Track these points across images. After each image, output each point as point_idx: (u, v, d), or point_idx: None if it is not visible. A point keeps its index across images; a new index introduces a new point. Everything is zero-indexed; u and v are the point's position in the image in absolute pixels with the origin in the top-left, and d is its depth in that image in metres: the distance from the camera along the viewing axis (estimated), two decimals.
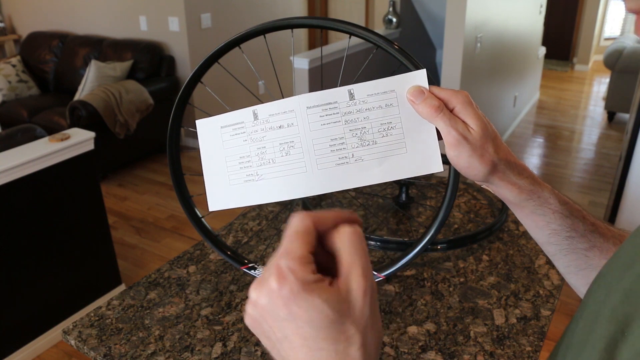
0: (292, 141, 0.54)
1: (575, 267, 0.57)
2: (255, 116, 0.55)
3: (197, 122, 0.59)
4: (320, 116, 0.53)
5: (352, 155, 0.53)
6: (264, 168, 0.56)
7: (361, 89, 0.54)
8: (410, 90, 0.53)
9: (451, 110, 0.52)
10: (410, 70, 0.58)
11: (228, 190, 0.58)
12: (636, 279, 0.34)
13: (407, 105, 0.54)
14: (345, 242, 0.36)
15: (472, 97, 0.52)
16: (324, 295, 0.33)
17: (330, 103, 0.53)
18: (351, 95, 0.54)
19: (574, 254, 0.57)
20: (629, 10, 0.34)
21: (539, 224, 0.57)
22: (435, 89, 0.53)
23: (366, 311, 0.35)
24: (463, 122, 0.52)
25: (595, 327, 0.36)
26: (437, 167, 0.54)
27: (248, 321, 0.36)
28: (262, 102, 0.57)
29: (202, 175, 0.66)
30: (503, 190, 0.55)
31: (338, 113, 0.53)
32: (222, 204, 0.58)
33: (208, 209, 0.62)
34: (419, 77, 0.54)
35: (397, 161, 0.53)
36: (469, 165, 0.52)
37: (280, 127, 0.54)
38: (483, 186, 0.57)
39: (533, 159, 4.22)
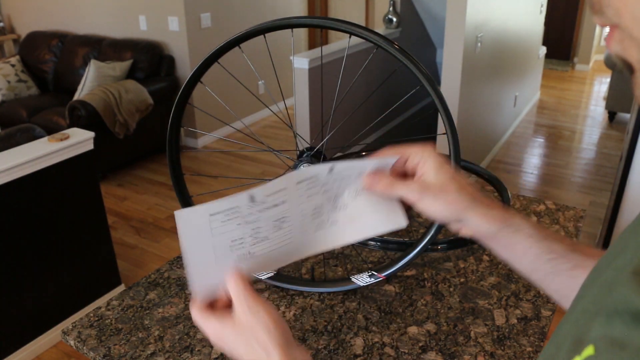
0: (284, 217, 0.57)
1: (565, 289, 0.58)
2: (252, 199, 0.57)
3: (177, 213, 0.54)
4: (306, 190, 0.58)
5: (328, 219, 0.59)
6: (258, 246, 0.57)
7: (340, 165, 0.59)
8: (366, 182, 0.59)
9: (416, 164, 0.59)
10: (410, 68, 0.65)
11: (216, 274, 0.55)
12: (615, 273, 0.34)
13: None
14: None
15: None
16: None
17: (313, 177, 0.58)
18: (330, 170, 0.58)
19: (558, 276, 0.58)
20: (600, 25, 0.34)
21: (518, 252, 0.58)
22: (397, 151, 0.60)
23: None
24: (419, 177, 0.59)
25: (571, 322, 0.37)
26: (401, 222, 0.59)
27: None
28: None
29: (201, 175, 0.67)
30: (476, 223, 0.58)
31: (318, 185, 0.58)
32: (208, 290, 0.56)
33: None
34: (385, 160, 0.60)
35: (365, 221, 0.59)
36: (438, 210, 0.57)
37: (275, 206, 0.57)
38: (463, 231, 0.59)
39: (533, 159, 4.21)
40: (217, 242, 0.56)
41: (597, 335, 0.31)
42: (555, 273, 0.58)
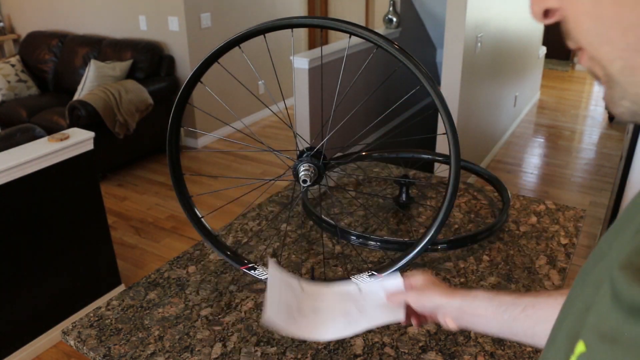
0: (320, 307, 0.82)
1: (527, 329, 0.67)
2: (302, 288, 0.84)
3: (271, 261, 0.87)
4: (340, 296, 0.83)
5: (353, 320, 0.80)
6: (301, 316, 0.81)
7: (367, 288, 0.83)
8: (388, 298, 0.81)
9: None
10: (410, 68, 0.70)
11: (279, 310, 0.79)
12: (602, 271, 0.36)
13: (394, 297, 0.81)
14: None
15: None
16: None
17: (348, 291, 0.83)
18: (360, 291, 0.83)
19: (515, 321, 0.67)
20: (571, 47, 0.37)
21: (482, 316, 0.70)
22: (408, 281, 0.80)
23: None
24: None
25: (563, 320, 0.39)
26: (400, 316, 0.78)
27: None
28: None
29: (201, 175, 0.72)
30: (443, 301, 0.73)
31: (351, 297, 0.83)
32: (277, 319, 0.78)
33: (203, 210, 0.70)
34: (399, 284, 0.80)
35: (376, 314, 0.79)
36: (422, 300, 0.76)
37: (317, 310, 0.82)
38: (448, 323, 0.74)
39: (533, 159, 4.21)
40: (285, 295, 0.82)
41: (588, 332, 0.32)
42: (512, 319, 0.67)
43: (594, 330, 0.32)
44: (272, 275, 0.84)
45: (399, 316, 0.78)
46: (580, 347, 0.32)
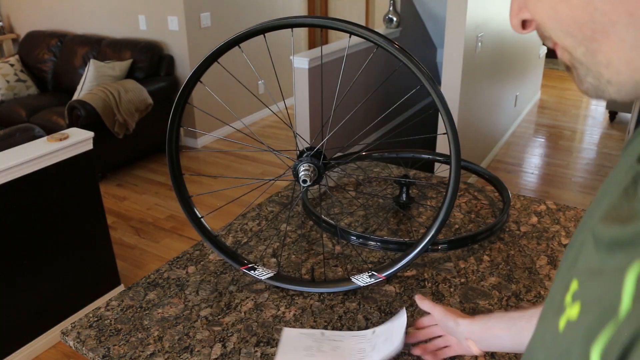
0: (339, 347, 0.96)
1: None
2: (323, 334, 1.00)
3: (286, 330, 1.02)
4: (356, 339, 0.97)
5: (366, 355, 0.93)
6: (322, 354, 0.94)
7: (380, 329, 0.97)
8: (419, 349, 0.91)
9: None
10: (410, 68, 0.78)
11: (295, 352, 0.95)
12: (586, 230, 0.43)
13: (397, 330, 0.92)
14: None
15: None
16: None
17: (363, 335, 0.98)
18: (373, 332, 0.97)
19: (524, 332, 0.74)
20: (549, 47, 0.46)
21: (498, 335, 0.78)
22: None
23: None
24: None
25: (557, 283, 0.46)
26: (400, 346, 0.88)
27: None
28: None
29: (201, 175, 0.72)
30: (467, 325, 0.81)
31: (365, 339, 0.97)
32: None
33: (203, 210, 0.70)
34: (403, 319, 0.92)
35: (385, 346, 0.90)
36: (444, 319, 0.85)
37: (334, 341, 0.98)
38: (473, 349, 0.82)
39: (534, 159, 4.21)
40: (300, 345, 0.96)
41: (578, 272, 0.40)
42: (520, 331, 0.74)
43: (583, 270, 0.40)
44: (287, 335, 0.99)
45: (400, 346, 0.88)
46: (574, 285, 0.39)
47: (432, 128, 4.20)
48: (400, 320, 0.91)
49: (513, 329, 0.76)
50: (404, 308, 0.95)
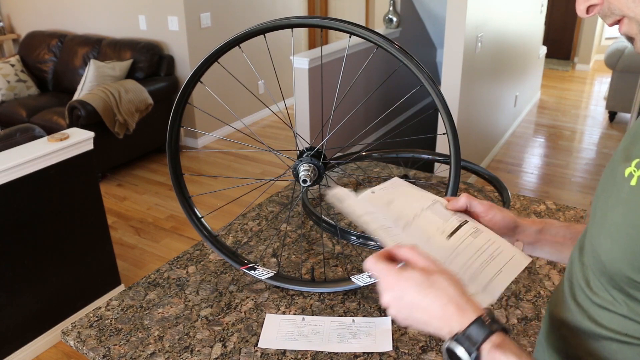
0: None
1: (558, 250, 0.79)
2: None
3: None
4: (336, 328, 1.04)
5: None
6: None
7: (359, 319, 1.02)
8: (449, 201, 0.79)
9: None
10: (410, 68, 0.72)
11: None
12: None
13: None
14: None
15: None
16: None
17: (343, 322, 1.04)
18: (353, 321, 1.02)
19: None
20: (609, 25, 0.55)
21: (560, 241, 0.78)
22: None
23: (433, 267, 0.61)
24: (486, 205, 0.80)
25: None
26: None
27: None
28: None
29: (201, 175, 0.69)
30: (525, 227, 0.78)
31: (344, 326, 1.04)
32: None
33: (203, 210, 0.65)
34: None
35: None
36: (500, 219, 0.77)
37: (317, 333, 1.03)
38: (518, 242, 0.78)
39: (534, 159, 4.21)
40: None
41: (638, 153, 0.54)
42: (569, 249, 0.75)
43: None
44: (270, 320, 1.03)
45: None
46: (635, 160, 0.53)
47: (432, 128, 4.20)
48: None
49: (569, 242, 0.76)
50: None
